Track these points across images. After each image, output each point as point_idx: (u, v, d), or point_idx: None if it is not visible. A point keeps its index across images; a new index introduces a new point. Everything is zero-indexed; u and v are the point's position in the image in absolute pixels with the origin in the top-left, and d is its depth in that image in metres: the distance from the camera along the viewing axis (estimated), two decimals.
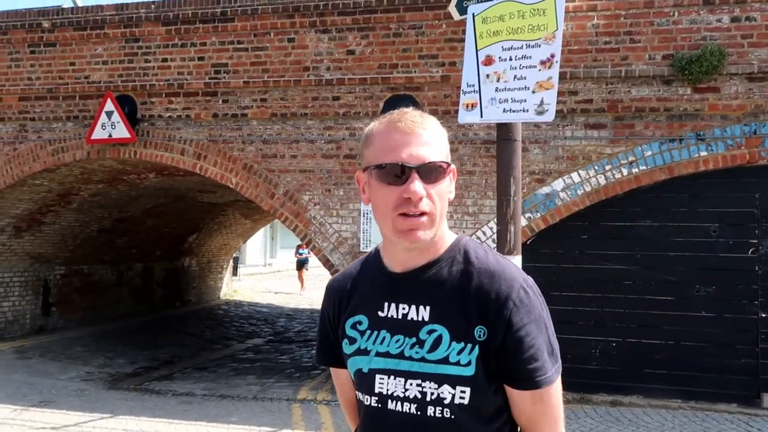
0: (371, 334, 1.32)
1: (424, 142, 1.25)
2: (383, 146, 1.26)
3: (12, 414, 5.99)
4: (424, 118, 1.28)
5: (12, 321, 9.79)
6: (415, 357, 1.26)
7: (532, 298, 1.26)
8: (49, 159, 8.05)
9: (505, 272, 1.27)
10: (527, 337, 1.22)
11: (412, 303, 1.29)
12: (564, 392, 5.15)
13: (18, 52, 8.24)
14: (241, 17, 7.33)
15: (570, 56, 6.38)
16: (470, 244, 1.34)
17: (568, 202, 6.42)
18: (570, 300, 6.47)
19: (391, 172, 1.23)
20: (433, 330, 1.26)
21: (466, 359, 1.23)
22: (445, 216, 1.31)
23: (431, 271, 1.30)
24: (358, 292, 1.39)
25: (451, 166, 1.31)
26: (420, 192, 1.21)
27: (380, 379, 1.29)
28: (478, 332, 1.23)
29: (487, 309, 1.24)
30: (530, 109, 4.08)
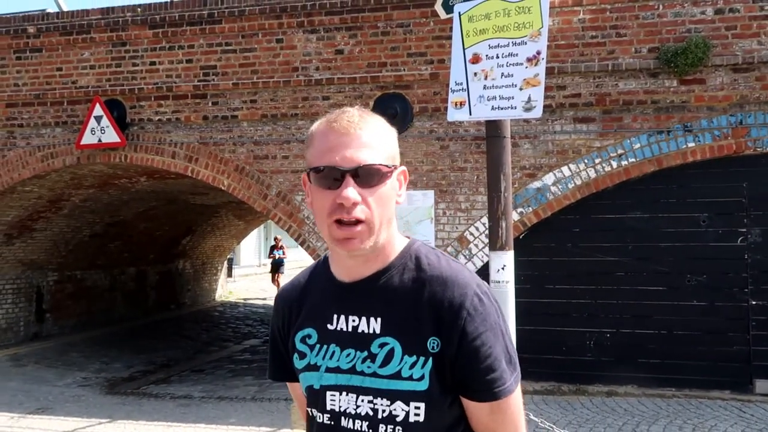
0: (321, 348, 1.25)
1: (362, 143, 1.16)
2: (320, 148, 1.19)
3: (9, 422, 5.98)
4: (363, 118, 1.20)
5: (6, 329, 9.75)
6: (366, 372, 1.20)
7: (487, 305, 1.19)
8: (38, 165, 8.02)
9: (459, 278, 1.20)
10: (483, 347, 1.16)
11: (362, 314, 1.23)
12: (560, 384, 5.21)
13: (4, 59, 8.19)
14: (229, 19, 7.32)
15: (557, 51, 6.42)
16: (422, 249, 1.27)
17: (560, 196, 6.47)
18: (564, 293, 6.53)
19: (327, 175, 1.16)
20: (385, 343, 1.19)
21: (419, 373, 1.17)
22: (393, 221, 1.24)
23: (381, 280, 1.23)
24: (307, 304, 1.32)
25: (398, 169, 1.23)
26: (353, 197, 1.14)
27: (331, 395, 1.23)
28: (432, 344, 1.17)
29: (440, 319, 1.17)
30: (518, 106, 4.11)
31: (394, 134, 1.26)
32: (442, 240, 6.69)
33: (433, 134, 6.81)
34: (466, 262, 6.60)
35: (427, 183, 6.77)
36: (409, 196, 6.74)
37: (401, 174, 1.25)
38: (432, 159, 6.78)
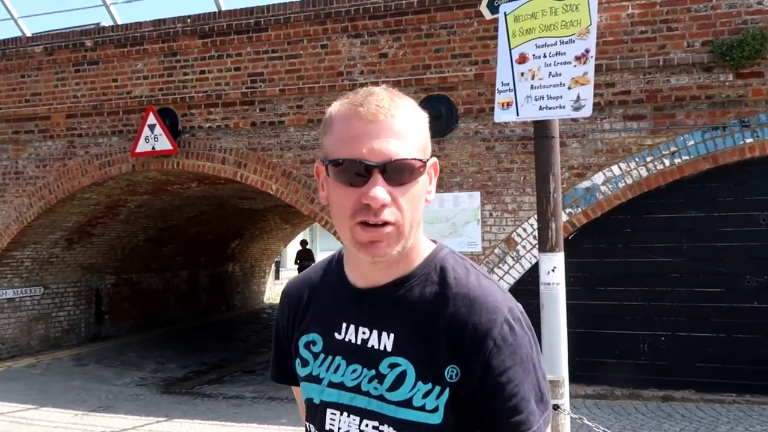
0: (325, 358, 1.11)
1: (393, 133, 0.99)
2: (341, 136, 1.01)
3: (74, 419, 6.26)
4: (394, 102, 1.01)
5: (68, 330, 10.21)
6: (373, 393, 1.05)
7: (518, 334, 1.02)
8: (96, 173, 8.36)
9: (488, 300, 1.03)
10: (509, 384, 1.00)
11: (374, 327, 1.07)
12: (613, 388, 5.10)
13: (63, 72, 8.58)
14: (275, 26, 7.47)
15: (605, 48, 6.29)
16: (449, 260, 1.10)
17: (610, 196, 6.33)
18: (615, 295, 6.38)
19: (349, 170, 0.99)
20: (396, 364, 1.04)
21: (433, 404, 1.01)
22: (420, 223, 1.07)
23: (400, 290, 1.07)
24: (314, 305, 1.17)
25: (430, 161, 1.06)
26: (382, 198, 0.97)
27: (332, 414, 1.09)
28: (450, 372, 1.01)
29: (462, 345, 1.01)
30: (567, 106, 4.05)
31: (426, 120, 1.08)
32: (489, 242, 6.64)
33: (479, 135, 6.77)
34: (514, 264, 6.54)
35: (473, 184, 6.73)
36: (455, 197, 6.72)
37: (432, 167, 1.08)
38: (477, 160, 6.75)
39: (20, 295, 9.45)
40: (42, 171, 8.71)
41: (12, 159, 8.91)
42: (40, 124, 8.71)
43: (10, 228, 8.84)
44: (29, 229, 8.86)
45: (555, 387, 3.60)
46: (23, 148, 8.85)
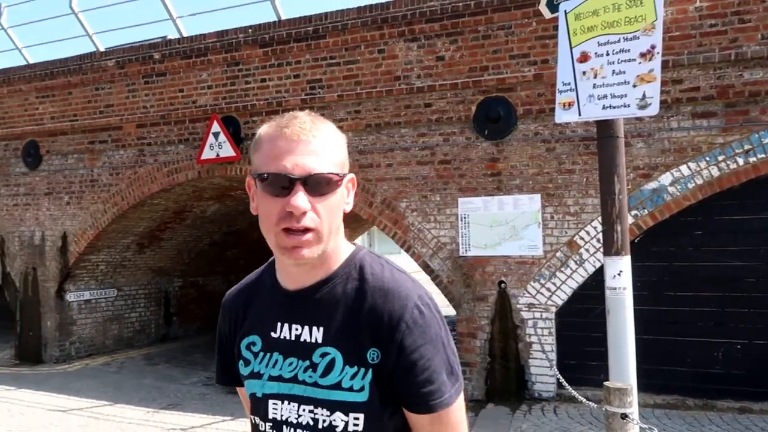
0: (264, 356, 1.25)
1: (312, 150, 1.14)
2: (268, 154, 1.16)
3: (145, 416, 6.54)
4: (315, 124, 1.17)
5: (139, 330, 10.69)
6: (308, 381, 1.20)
7: (427, 317, 1.18)
8: (164, 180, 8.72)
9: (401, 289, 1.19)
10: (421, 360, 1.16)
11: (305, 324, 1.22)
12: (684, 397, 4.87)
13: (134, 84, 9.00)
14: (332, 33, 7.58)
15: (672, 43, 6.05)
16: (367, 259, 1.25)
17: (678, 197, 6.07)
18: (686, 300, 6.11)
19: (275, 182, 1.14)
20: (326, 353, 1.19)
21: (360, 384, 1.16)
22: (340, 229, 1.22)
23: (324, 289, 1.22)
24: (252, 310, 1.31)
25: (347, 177, 1.21)
26: (303, 206, 1.12)
27: (273, 404, 1.23)
28: (371, 355, 1.16)
29: (380, 330, 1.16)
30: (632, 104, 3.92)
31: (344, 141, 1.24)
32: (550, 245, 6.50)
33: (538, 137, 6.64)
34: (576, 268, 6.38)
35: (533, 187, 6.61)
36: (515, 200, 6.62)
37: (350, 181, 1.24)
38: (537, 162, 6.62)
39: (96, 297, 9.97)
40: (115, 178, 9.16)
41: (88, 168, 9.42)
42: (113, 134, 9.17)
43: (86, 233, 9.34)
44: (104, 234, 9.33)
45: (623, 395, 3.49)
46: (98, 157, 9.34)
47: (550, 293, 6.47)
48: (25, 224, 9.97)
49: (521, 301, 6.58)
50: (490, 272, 6.71)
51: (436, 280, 7.03)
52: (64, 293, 9.56)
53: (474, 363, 6.69)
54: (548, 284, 6.47)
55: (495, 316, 6.64)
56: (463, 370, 5.66)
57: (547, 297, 6.47)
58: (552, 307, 6.46)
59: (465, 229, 6.81)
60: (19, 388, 7.83)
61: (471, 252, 6.77)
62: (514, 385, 6.49)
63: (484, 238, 6.71)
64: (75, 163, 9.56)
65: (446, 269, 6.93)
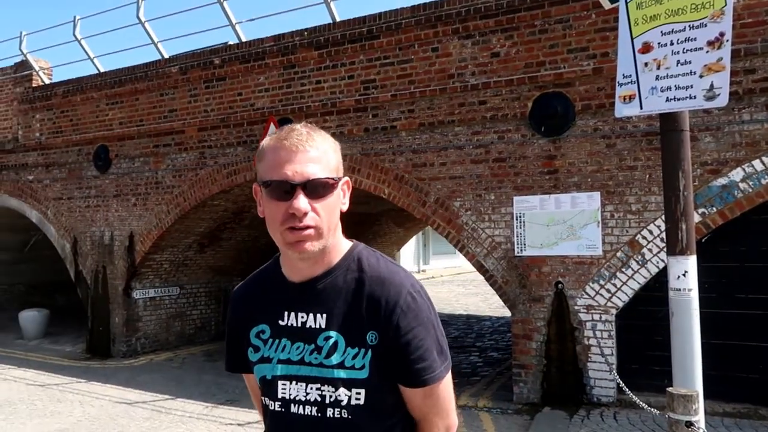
0: (273, 342, 1.40)
1: (310, 158, 1.30)
2: (271, 163, 1.31)
3: (205, 410, 6.73)
4: (310, 135, 1.32)
5: (200, 327, 11.03)
6: (314, 363, 1.35)
7: (419, 303, 1.34)
8: (224, 181, 8.96)
9: (394, 279, 1.35)
10: (415, 340, 1.31)
11: (310, 311, 1.37)
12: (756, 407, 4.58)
13: (196, 89, 9.30)
14: (386, 33, 7.59)
15: (743, 31, 5.73)
16: (363, 252, 1.42)
17: (751, 194, 5.73)
18: (759, 303, 5.77)
19: (278, 188, 1.29)
20: (330, 336, 1.34)
21: (360, 363, 1.32)
22: (338, 227, 1.38)
23: (326, 280, 1.37)
24: (260, 302, 1.46)
25: (342, 180, 1.37)
26: (304, 208, 1.27)
27: (282, 384, 1.37)
28: (370, 337, 1.32)
29: (377, 315, 1.32)
30: (698, 95, 3.72)
31: (338, 148, 1.40)
32: (610, 245, 6.27)
33: (598, 132, 6.42)
34: (638, 269, 6.12)
35: (592, 184, 6.40)
36: (572, 198, 6.43)
37: (345, 184, 1.41)
38: (597, 159, 6.40)
39: (160, 295, 10.36)
40: (177, 180, 9.50)
41: (153, 170, 9.81)
42: (176, 137, 9.51)
43: (151, 233, 9.72)
44: (167, 234, 9.69)
45: (688, 402, 3.31)
46: (162, 160, 9.71)
47: (610, 294, 6.23)
48: (96, 225, 10.48)
49: (579, 302, 6.37)
50: (546, 272, 6.54)
51: (490, 280, 6.91)
52: (131, 291, 9.98)
53: (529, 365, 6.52)
54: (608, 285, 6.24)
55: (551, 318, 6.46)
56: (518, 372, 5.51)
57: (607, 298, 6.24)
58: (612, 309, 6.23)
59: (520, 228, 6.66)
60: (89, 381, 8.23)
61: (527, 252, 6.61)
62: (572, 388, 6.29)
63: (541, 238, 6.55)
64: (141, 166, 9.97)
65: (501, 269, 6.80)
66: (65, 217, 10.90)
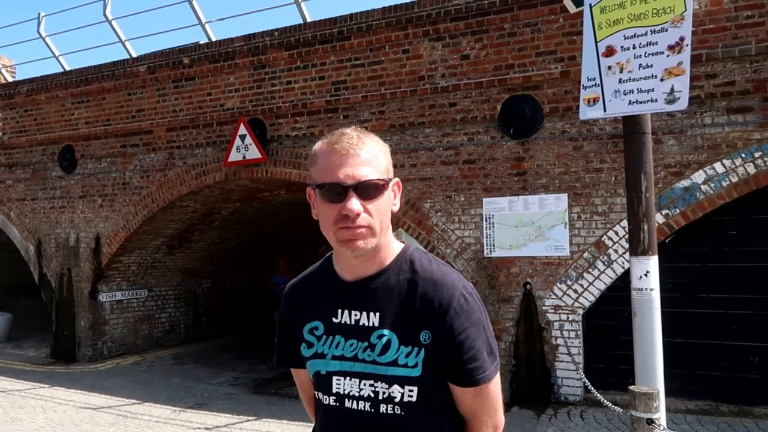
0: (327, 338, 1.43)
1: (361, 161, 1.34)
2: (324, 167, 1.36)
3: (172, 415, 6.61)
4: (361, 139, 1.37)
5: (169, 330, 10.85)
6: (367, 360, 1.38)
7: (471, 304, 1.37)
8: (193, 182, 8.84)
9: (447, 281, 1.38)
10: (468, 340, 1.35)
11: (363, 310, 1.40)
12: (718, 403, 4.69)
13: (164, 88, 9.16)
14: (357, 34, 7.57)
15: (705, 36, 5.86)
16: (416, 254, 1.45)
17: (712, 196, 5.87)
18: (720, 303, 5.90)
19: (331, 190, 1.33)
20: (383, 335, 1.37)
21: (413, 361, 1.35)
22: (389, 227, 1.41)
23: (380, 279, 1.41)
24: (314, 299, 1.49)
25: (393, 181, 1.41)
26: (356, 209, 1.32)
27: (337, 380, 1.41)
28: (424, 336, 1.35)
29: (431, 315, 1.35)
30: (659, 99, 3.79)
31: (388, 150, 1.45)
32: (577, 245, 6.35)
33: (566, 135, 6.50)
34: (604, 269, 6.22)
35: (559, 186, 6.47)
36: (540, 200, 6.50)
37: (395, 185, 1.45)
38: (564, 161, 6.48)
39: (127, 297, 10.16)
40: (146, 181, 9.34)
41: (120, 171, 9.62)
42: (144, 137, 9.35)
43: (118, 234, 9.53)
44: (135, 236, 9.51)
45: (649, 400, 3.36)
46: (129, 160, 9.53)
47: (577, 295, 6.32)
48: (61, 226, 10.24)
49: (547, 302, 6.44)
50: (515, 273, 6.59)
51: None
52: (97, 294, 9.77)
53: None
54: (575, 285, 6.32)
55: (520, 318, 6.52)
56: None
57: (574, 299, 6.32)
58: (579, 309, 6.31)
59: (490, 229, 6.71)
60: (53, 386, 8.03)
61: (496, 253, 6.66)
62: (540, 388, 6.35)
63: (509, 239, 6.60)
64: (108, 166, 9.77)
65: (470, 270, 6.84)
66: (29, 218, 10.64)
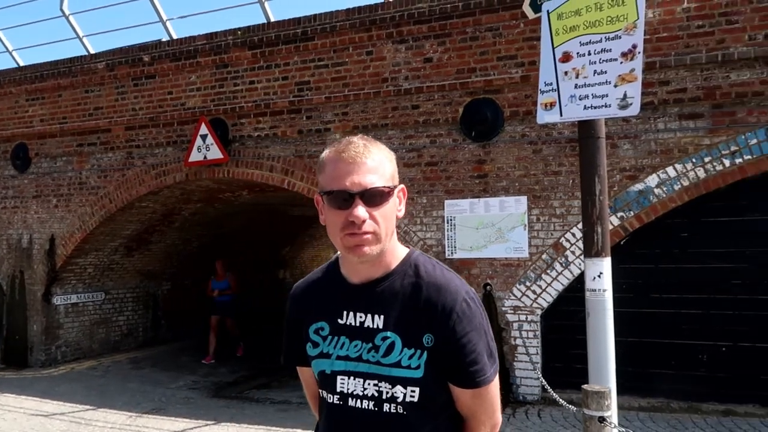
0: (332, 339, 1.47)
1: (368, 169, 1.37)
2: (331, 174, 1.39)
3: (128, 420, 6.46)
4: (367, 147, 1.40)
5: (127, 334, 10.60)
6: (371, 360, 1.42)
7: (473, 309, 1.41)
8: (153, 182, 8.67)
9: (450, 286, 1.42)
10: (469, 344, 1.39)
11: (368, 312, 1.44)
12: (669, 400, 4.83)
13: (123, 86, 8.96)
14: (321, 35, 7.55)
15: (659, 44, 6.05)
16: (420, 259, 1.48)
17: (665, 199, 6.05)
18: (671, 303, 6.09)
19: (338, 197, 1.37)
20: (387, 337, 1.41)
21: (416, 363, 1.39)
22: (394, 232, 1.45)
23: (385, 283, 1.44)
24: (320, 300, 1.53)
25: (398, 188, 1.44)
26: (362, 216, 1.35)
27: (341, 379, 1.45)
28: (427, 339, 1.39)
29: (434, 319, 1.39)
30: (613, 104, 3.90)
31: (393, 158, 1.47)
32: (536, 247, 6.47)
33: (525, 138, 6.62)
34: (562, 270, 6.34)
35: (519, 189, 6.58)
36: (501, 202, 6.59)
37: (401, 191, 1.47)
38: (524, 164, 6.59)
39: (83, 300, 9.89)
40: (103, 181, 9.11)
41: (76, 170, 9.37)
42: (102, 136, 9.12)
43: (74, 236, 9.27)
44: (91, 237, 9.27)
45: (601, 398, 3.45)
46: (86, 159, 9.29)
47: (535, 296, 6.43)
48: (13, 227, 9.90)
49: (507, 303, 6.53)
50: (475, 274, 6.67)
51: None
52: (51, 297, 9.47)
53: None
54: (534, 287, 6.44)
55: None
56: None
57: (533, 299, 6.43)
58: (537, 310, 6.42)
59: (451, 231, 6.77)
60: (2, 392, 7.75)
61: (457, 254, 6.73)
62: (500, 388, 6.42)
63: (470, 241, 6.68)
64: (63, 165, 9.50)
65: None
66: None
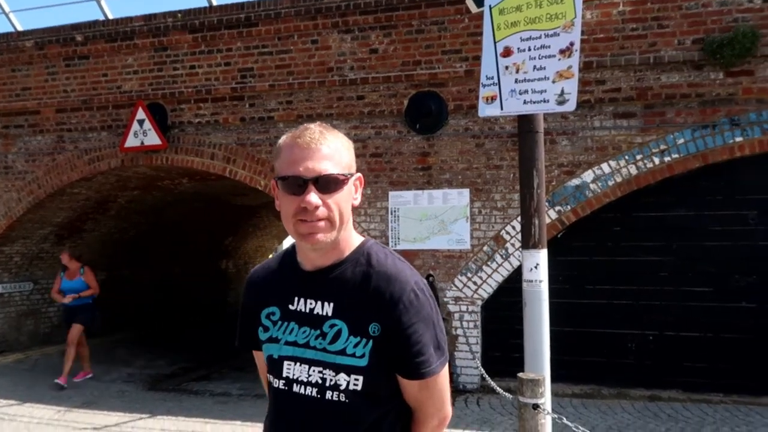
0: (282, 324, 1.48)
1: (322, 156, 1.37)
2: (286, 160, 1.39)
3: (56, 415, 6.20)
4: (323, 134, 1.39)
5: (58, 325, 10.12)
6: (318, 347, 1.42)
7: (421, 300, 1.40)
8: (85, 168, 8.31)
9: (400, 276, 1.41)
10: (415, 335, 1.38)
11: (318, 299, 1.44)
12: (600, 387, 5.02)
13: (54, 66, 8.52)
14: (265, 21, 7.41)
15: (596, 45, 6.25)
16: (374, 248, 1.48)
17: (599, 194, 6.28)
18: (604, 293, 6.35)
19: (292, 183, 1.37)
20: (335, 324, 1.41)
21: (361, 352, 1.38)
22: (349, 220, 1.44)
23: (336, 271, 1.44)
24: (273, 286, 1.54)
25: (354, 176, 1.44)
26: (315, 202, 1.35)
27: (288, 365, 1.46)
28: (373, 328, 1.38)
29: (381, 308, 1.38)
30: (551, 100, 4.00)
31: (351, 146, 1.46)
32: (478, 239, 6.59)
33: (468, 132, 6.72)
34: (502, 262, 6.50)
35: (462, 181, 6.69)
36: (444, 194, 6.68)
37: (357, 180, 1.47)
38: (467, 157, 6.70)
39: (9, 291, 9.39)
40: (31, 165, 8.66)
41: (2, 153, 8.86)
42: (30, 118, 8.66)
43: None
44: (18, 224, 8.81)
45: (535, 386, 3.55)
46: (13, 142, 8.80)
47: (476, 287, 6.56)
48: None
49: (448, 294, 6.64)
50: (418, 266, 6.74)
51: None
52: None
53: None
54: (475, 278, 6.57)
55: None
56: None
57: (474, 290, 6.57)
58: (478, 300, 6.56)
59: (395, 222, 6.82)
60: None
61: (400, 245, 6.78)
62: None
63: (414, 232, 6.74)
64: None
65: None
66: None
